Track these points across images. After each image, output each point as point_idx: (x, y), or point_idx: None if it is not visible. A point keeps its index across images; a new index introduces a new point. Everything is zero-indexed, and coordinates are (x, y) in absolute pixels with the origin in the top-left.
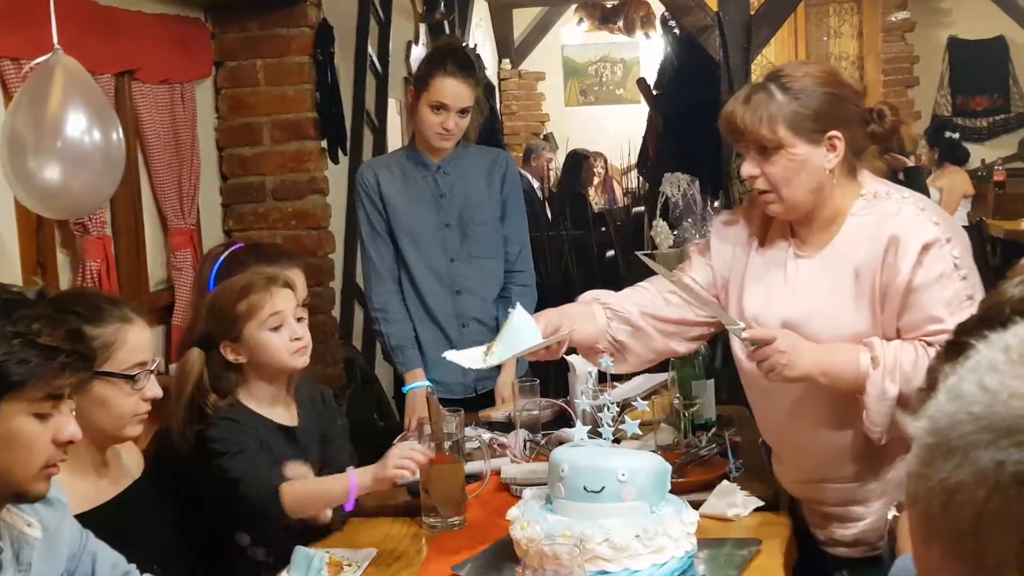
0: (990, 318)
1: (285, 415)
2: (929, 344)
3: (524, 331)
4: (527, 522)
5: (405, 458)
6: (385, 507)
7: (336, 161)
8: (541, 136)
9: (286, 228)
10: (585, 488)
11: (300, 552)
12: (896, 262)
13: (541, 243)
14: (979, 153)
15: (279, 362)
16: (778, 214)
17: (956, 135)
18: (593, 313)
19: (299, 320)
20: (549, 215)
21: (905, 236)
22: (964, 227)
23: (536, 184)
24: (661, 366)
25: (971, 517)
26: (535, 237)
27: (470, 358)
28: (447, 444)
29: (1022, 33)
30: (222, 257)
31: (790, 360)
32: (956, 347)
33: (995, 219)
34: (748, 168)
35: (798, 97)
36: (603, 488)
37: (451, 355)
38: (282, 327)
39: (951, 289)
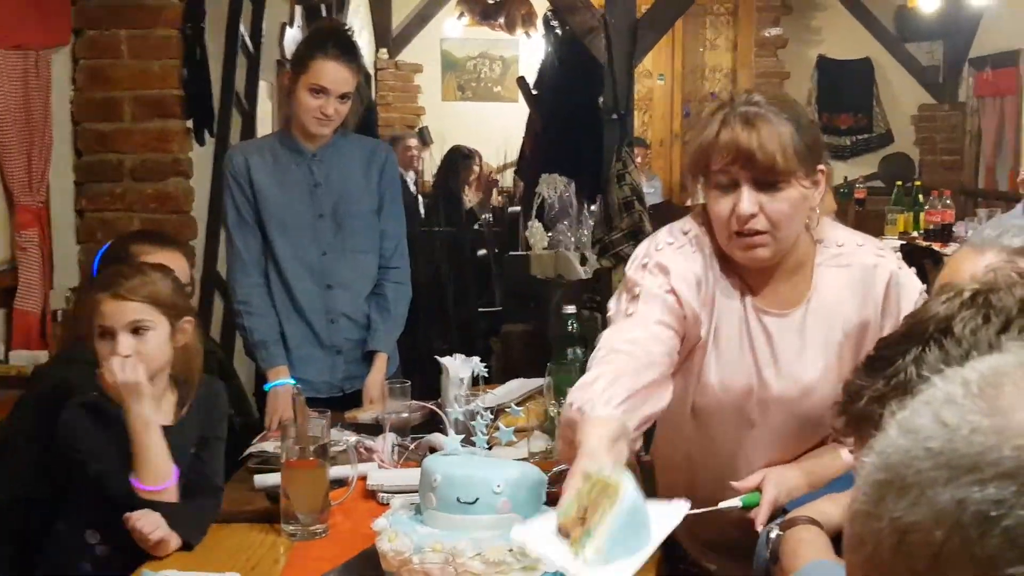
0: (912, 335)
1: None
2: None
3: (638, 519)
4: (395, 533)
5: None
6: (240, 512)
7: (202, 143)
8: (416, 129)
9: (145, 211)
10: (458, 499)
11: None
12: (900, 308)
13: (412, 240)
14: (842, 170)
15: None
16: (763, 261)
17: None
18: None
19: (138, 332)
20: (423, 211)
21: (896, 294)
22: None
23: (410, 182)
24: (538, 370)
25: (927, 559)
26: (408, 233)
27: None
28: (311, 447)
29: (887, 56)
30: (108, 243)
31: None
32: (877, 361)
33: None
34: (747, 206)
35: (799, 125)
36: (477, 500)
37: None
38: (107, 339)
39: None
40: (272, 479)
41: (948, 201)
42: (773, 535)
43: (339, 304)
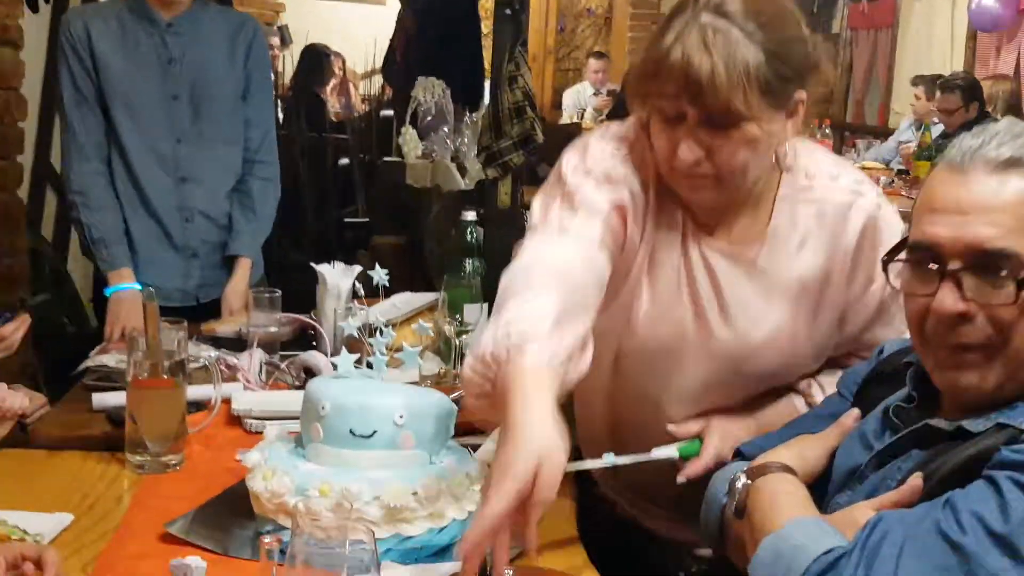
0: None
1: None
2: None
3: None
4: (271, 471)
5: None
6: (74, 438)
7: (35, 9)
8: (274, 27)
9: None
10: (351, 432)
11: None
12: (876, 256)
13: None
14: None
15: None
16: (707, 203)
17: None
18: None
19: None
20: (281, 115)
21: (883, 227)
22: None
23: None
24: (414, 285)
25: None
26: None
27: None
28: (165, 363)
29: None
30: None
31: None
32: None
33: None
34: (691, 151)
35: (774, 50)
36: (375, 432)
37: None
38: None
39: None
40: (114, 399)
41: (827, 131)
42: (740, 484)
43: (195, 200)
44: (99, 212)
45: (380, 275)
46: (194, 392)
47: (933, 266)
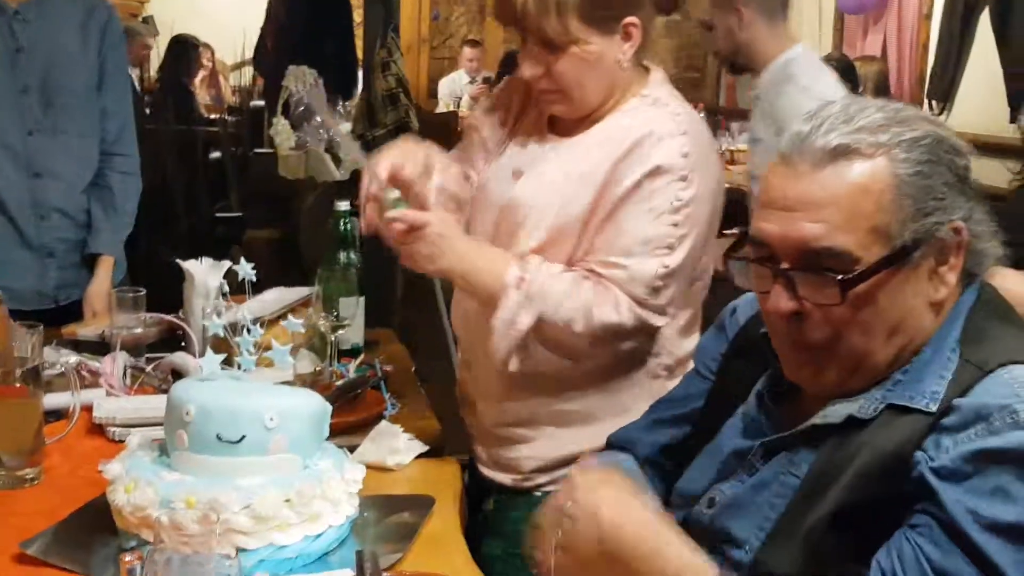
0: None
1: None
2: (594, 276)
3: None
4: (133, 482)
5: None
6: None
7: None
8: (140, 18)
9: None
10: (219, 437)
11: None
12: (622, 173)
13: (137, 139)
14: None
15: None
16: (563, 115)
17: None
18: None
19: None
20: (148, 109)
21: (643, 151)
22: None
23: (134, 74)
24: (289, 280)
25: None
26: None
27: None
28: (18, 371)
29: None
30: None
31: (433, 252)
32: None
33: None
34: (530, 68)
35: None
36: (243, 437)
37: None
38: None
39: (655, 229)
40: None
41: (702, 115)
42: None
43: (50, 197)
44: None
45: (246, 270)
46: (52, 400)
47: (767, 266)
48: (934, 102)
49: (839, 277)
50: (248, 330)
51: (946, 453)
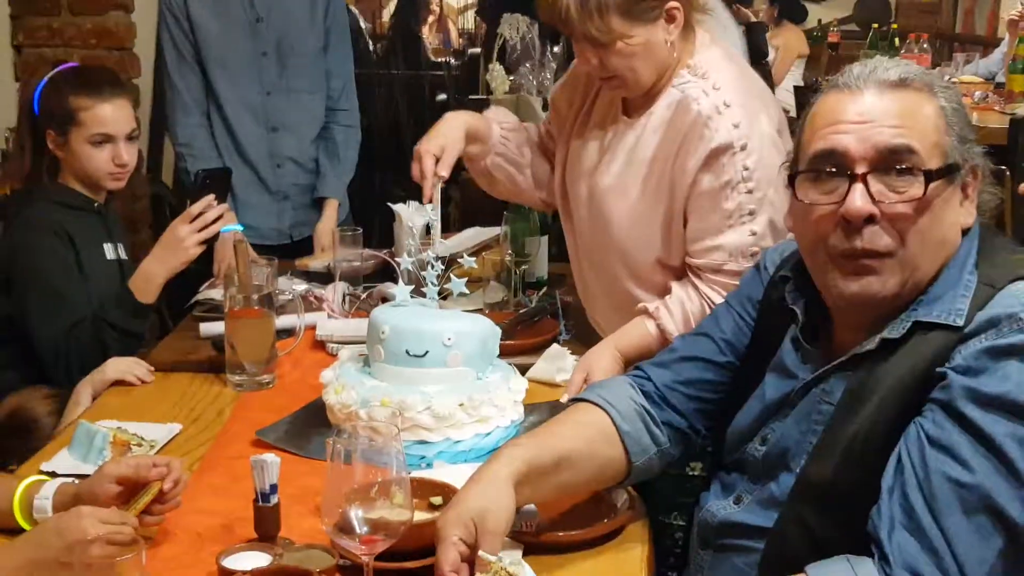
0: None
1: None
2: (711, 280)
3: None
4: (342, 386)
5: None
6: (184, 362)
7: None
8: None
9: (84, 47)
10: (407, 352)
11: (81, 427)
12: (685, 159)
13: (370, 82)
14: (816, 13)
15: (95, 177)
16: (626, 95)
17: None
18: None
19: (129, 139)
20: (375, 54)
21: (698, 134)
22: (799, 87)
23: (365, 24)
24: (497, 219)
25: None
26: (363, 75)
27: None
28: (255, 296)
29: None
30: (47, 77)
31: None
32: None
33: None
34: (584, 63)
35: None
36: (427, 352)
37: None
38: (105, 144)
39: (733, 200)
40: (218, 328)
41: (925, 45)
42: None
43: (285, 148)
44: (203, 161)
45: (430, 215)
46: (284, 321)
47: (833, 171)
48: None
49: (924, 169)
50: (432, 266)
51: (959, 355)
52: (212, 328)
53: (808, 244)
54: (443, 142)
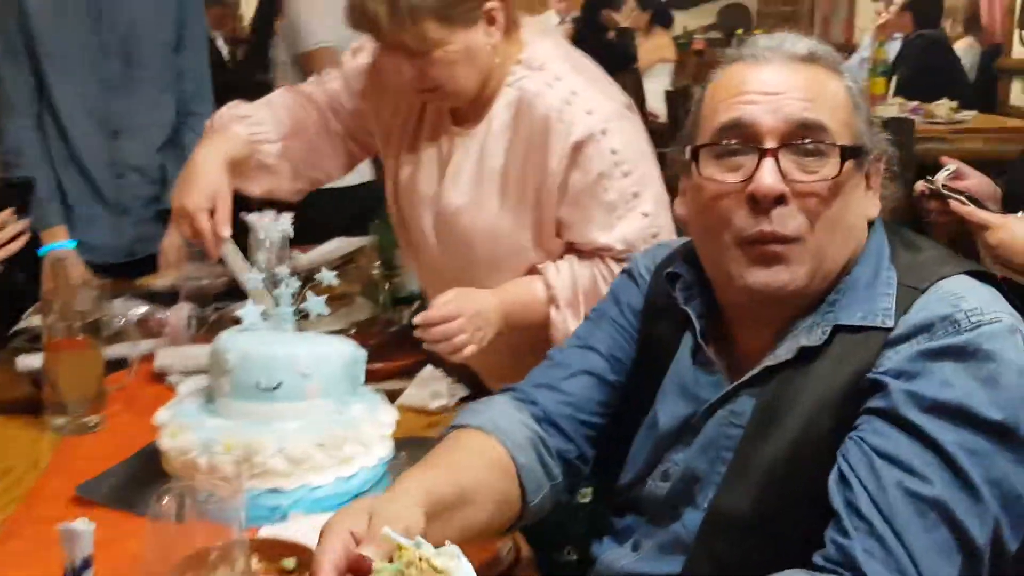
0: None
1: None
2: (609, 260)
3: None
4: (179, 427)
5: None
6: None
7: None
8: None
9: None
10: (257, 384)
11: None
12: (544, 160)
13: (218, 89)
14: (681, 20)
15: None
16: (449, 105)
17: None
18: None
19: None
20: (237, 56)
21: (552, 131)
22: (670, 92)
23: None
24: (360, 229)
25: None
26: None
27: None
28: (77, 324)
29: None
30: None
31: (481, 330)
32: None
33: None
34: (397, 75)
35: None
36: (280, 384)
37: None
38: None
39: (613, 191)
40: (38, 361)
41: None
42: None
43: (127, 155)
44: (31, 170)
45: (285, 225)
46: (117, 350)
47: (739, 146)
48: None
49: (839, 145)
50: (285, 282)
51: (890, 360)
52: (31, 361)
53: (708, 229)
54: (210, 191)
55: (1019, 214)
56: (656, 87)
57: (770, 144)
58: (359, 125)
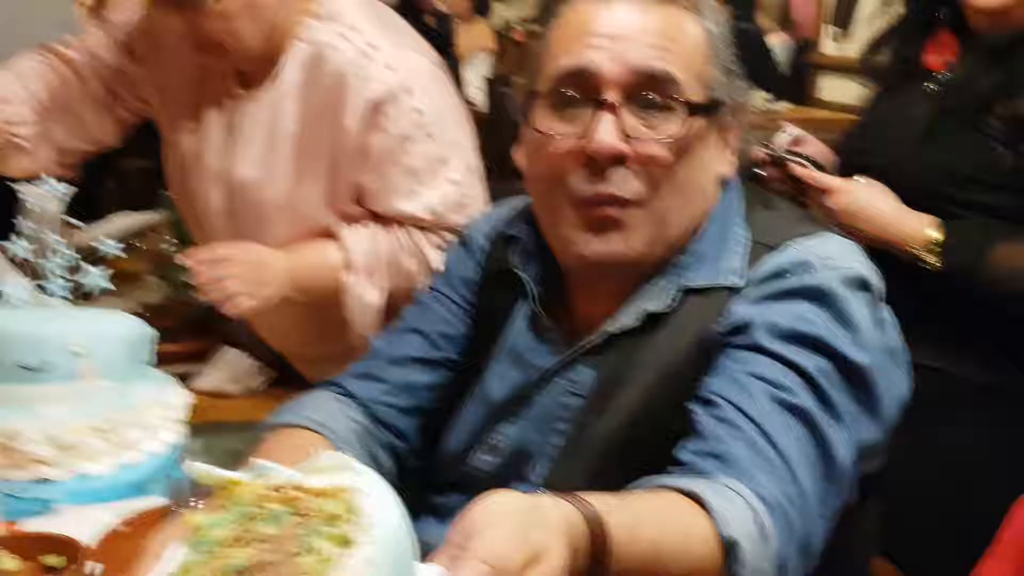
0: None
1: None
2: (413, 229)
3: None
4: None
5: None
6: None
7: None
8: None
9: None
10: (21, 365)
11: None
12: (339, 119)
13: None
14: (501, 11)
15: None
16: (232, 65)
17: None
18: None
19: None
20: None
21: (348, 87)
22: (491, 80)
23: None
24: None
25: None
26: None
27: None
28: None
29: None
30: None
31: (265, 285)
32: None
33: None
34: (173, 33)
35: None
36: (46, 364)
37: None
38: None
39: (418, 155)
40: None
41: None
42: None
43: None
44: None
45: (60, 193)
46: None
47: (578, 97)
48: (833, 28)
49: (685, 100)
50: (58, 254)
51: (741, 307)
52: None
53: (542, 187)
54: None
55: (860, 178)
56: (475, 77)
57: (611, 97)
58: (127, 88)
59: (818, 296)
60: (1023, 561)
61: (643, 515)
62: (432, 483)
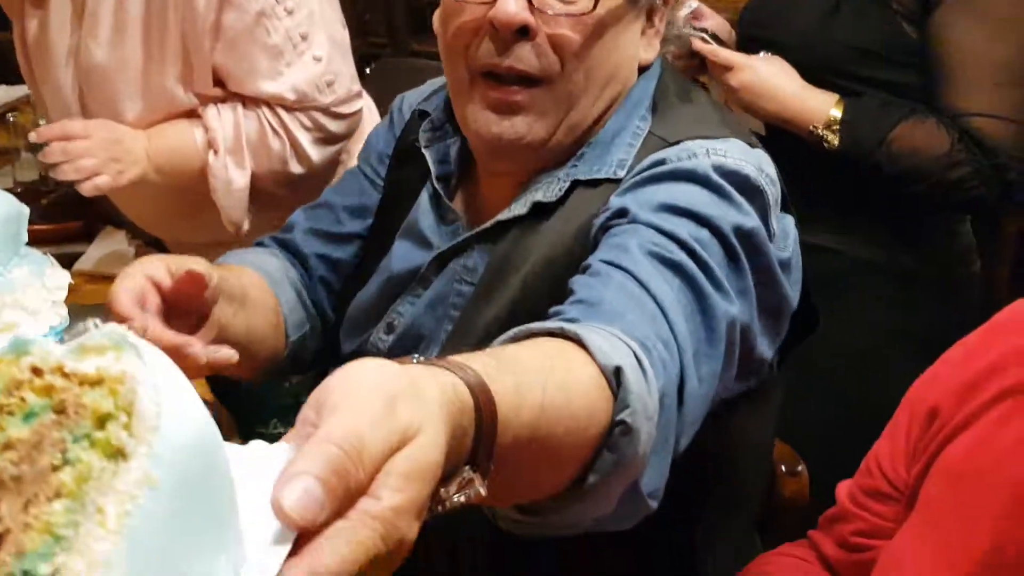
0: None
1: None
2: (279, 108)
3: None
4: None
5: None
6: None
7: None
8: None
9: None
10: None
11: None
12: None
13: None
14: None
15: None
16: None
17: None
18: None
19: None
20: None
21: None
22: None
23: None
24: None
25: None
26: None
27: None
28: None
29: None
30: None
31: (122, 162)
32: None
33: None
34: None
35: None
36: None
37: None
38: None
39: (277, 32)
40: None
41: None
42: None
43: None
44: None
45: None
46: None
47: None
48: None
49: None
50: None
51: (618, 195)
52: None
53: (449, 57)
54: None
55: (763, 54)
56: None
57: None
58: None
59: (694, 178)
60: (908, 438)
61: (528, 374)
62: (334, 354)
